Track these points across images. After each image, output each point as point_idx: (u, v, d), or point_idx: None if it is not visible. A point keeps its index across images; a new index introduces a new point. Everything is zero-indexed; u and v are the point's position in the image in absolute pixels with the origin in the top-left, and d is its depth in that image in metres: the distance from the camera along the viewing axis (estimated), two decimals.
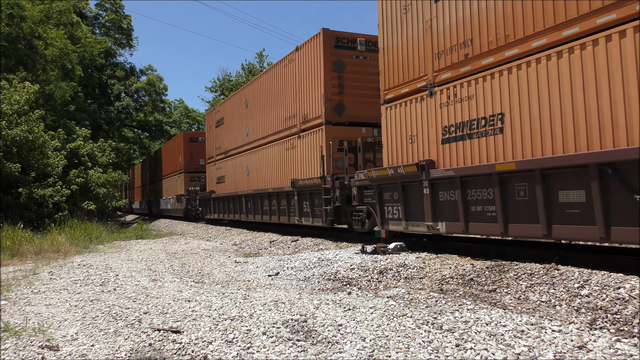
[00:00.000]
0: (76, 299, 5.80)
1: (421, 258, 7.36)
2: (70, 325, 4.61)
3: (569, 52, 5.79)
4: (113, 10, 33.66)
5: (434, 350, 3.58)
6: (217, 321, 4.50)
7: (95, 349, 3.92)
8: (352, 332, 4.03)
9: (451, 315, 4.45)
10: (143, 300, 5.62)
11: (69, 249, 11.42)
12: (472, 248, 7.86)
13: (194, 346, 3.85)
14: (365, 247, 8.55)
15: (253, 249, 12.15)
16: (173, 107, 55.75)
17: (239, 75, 42.92)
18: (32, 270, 8.19)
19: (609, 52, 5.36)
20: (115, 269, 8.24)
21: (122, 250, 11.63)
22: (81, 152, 18.63)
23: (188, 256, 10.41)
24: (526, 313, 4.61)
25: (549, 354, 3.43)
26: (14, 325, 4.59)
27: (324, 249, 10.32)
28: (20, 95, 14.96)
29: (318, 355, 3.55)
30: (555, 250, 6.83)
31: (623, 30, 5.22)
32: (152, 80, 36.03)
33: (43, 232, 13.58)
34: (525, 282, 5.50)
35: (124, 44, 35.22)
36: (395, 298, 5.42)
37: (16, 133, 14.14)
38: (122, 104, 34.07)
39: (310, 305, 5.01)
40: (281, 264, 8.48)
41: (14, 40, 18.12)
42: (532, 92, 6.24)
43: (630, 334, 3.92)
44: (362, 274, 7.00)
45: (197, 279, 7.39)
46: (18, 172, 14.14)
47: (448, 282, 6.08)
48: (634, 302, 4.38)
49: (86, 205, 17.18)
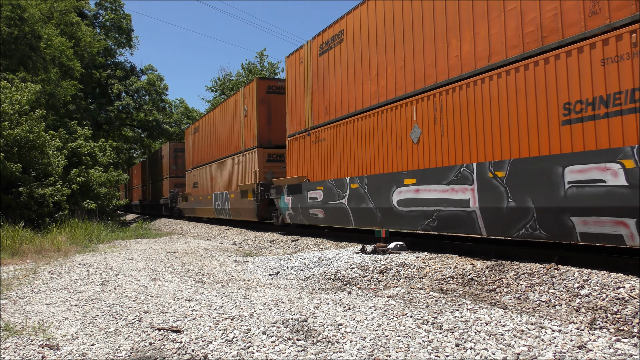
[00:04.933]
0: (76, 298, 5.80)
1: (421, 258, 7.36)
2: (71, 325, 4.62)
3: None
4: (112, 9, 33.63)
5: (434, 349, 3.58)
6: (217, 320, 4.50)
7: (95, 348, 3.92)
8: (352, 331, 4.03)
9: (451, 315, 4.45)
10: (143, 300, 5.62)
11: (69, 248, 11.42)
12: (472, 248, 7.86)
13: (194, 345, 3.85)
14: (365, 247, 8.56)
15: (253, 249, 12.16)
16: (174, 107, 55.75)
17: (239, 75, 42.92)
18: (32, 269, 8.20)
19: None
20: (115, 268, 8.24)
21: (123, 250, 11.63)
22: (82, 151, 18.64)
23: (188, 255, 10.41)
24: (526, 313, 4.61)
25: (549, 353, 3.43)
26: (14, 324, 4.59)
27: (324, 248, 10.33)
28: (21, 95, 14.97)
29: (318, 355, 3.55)
30: (555, 250, 6.83)
31: None
32: (152, 79, 36.04)
33: (43, 231, 13.59)
34: (525, 281, 5.50)
35: (124, 44, 35.20)
36: (395, 298, 5.42)
37: (17, 133, 14.15)
38: (122, 103, 34.08)
39: (310, 304, 5.01)
40: (281, 263, 8.48)
41: (14, 41, 18.13)
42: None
43: (630, 333, 3.92)
44: (362, 273, 7.00)
45: (197, 279, 7.40)
46: (19, 171, 14.15)
47: (448, 282, 6.09)
48: (633, 302, 4.38)
49: (87, 205, 17.20)
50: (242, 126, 16.57)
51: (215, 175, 19.80)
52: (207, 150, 21.38)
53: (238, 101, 17.15)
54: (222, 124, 18.98)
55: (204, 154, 21.81)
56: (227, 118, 18.28)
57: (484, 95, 6.93)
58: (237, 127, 17.15)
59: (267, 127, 15.24)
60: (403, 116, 8.57)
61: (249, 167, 15.76)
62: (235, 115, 17.30)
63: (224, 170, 18.63)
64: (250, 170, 15.62)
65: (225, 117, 18.55)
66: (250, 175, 15.61)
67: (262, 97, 15.33)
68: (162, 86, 37.47)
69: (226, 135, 18.50)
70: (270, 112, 15.26)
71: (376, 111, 9.30)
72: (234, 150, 17.45)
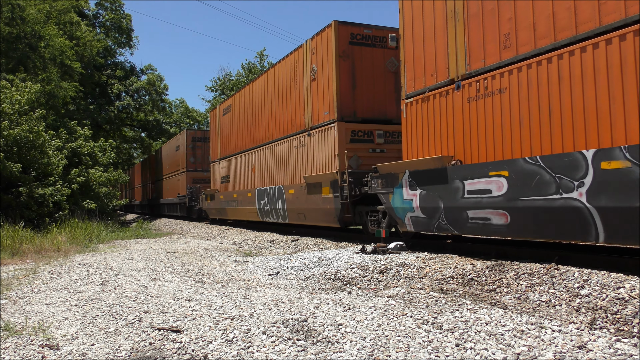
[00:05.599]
0: (76, 298, 5.80)
1: (421, 258, 7.36)
2: (71, 325, 4.62)
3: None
4: (113, 9, 33.61)
5: (434, 349, 3.58)
6: (217, 320, 4.50)
7: (95, 348, 3.92)
8: (352, 331, 4.03)
9: (451, 315, 4.45)
10: (143, 300, 5.62)
11: (69, 248, 11.42)
12: (472, 248, 7.86)
13: (194, 345, 3.85)
14: (365, 247, 8.56)
15: (253, 249, 12.15)
16: (174, 107, 55.76)
17: (239, 75, 42.92)
18: (32, 269, 8.20)
19: None
20: (115, 268, 8.24)
21: (123, 250, 11.63)
22: (82, 151, 18.65)
23: (188, 255, 10.41)
24: (526, 313, 4.61)
25: (549, 353, 3.43)
26: (14, 324, 4.59)
27: (324, 248, 10.33)
28: (21, 95, 14.97)
29: (318, 355, 3.55)
30: (556, 250, 6.83)
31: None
32: (152, 79, 36.00)
33: (43, 231, 13.58)
34: (525, 282, 5.50)
35: (124, 44, 35.17)
36: (395, 298, 5.42)
37: (17, 133, 14.15)
38: (122, 103, 34.07)
39: (310, 304, 5.01)
40: (281, 263, 8.48)
41: (14, 41, 18.13)
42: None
43: (630, 333, 3.92)
44: (362, 273, 7.00)
45: (197, 278, 7.40)
46: (19, 171, 14.15)
47: (448, 282, 6.09)
48: (633, 302, 4.38)
49: (87, 204, 17.20)
50: (307, 94, 12.32)
51: (258, 165, 15.59)
52: (244, 134, 17.04)
53: (299, 61, 12.75)
54: (271, 96, 14.65)
55: (240, 140, 17.53)
56: (280, 87, 13.97)
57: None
58: (297, 96, 12.84)
59: (351, 92, 11.00)
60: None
61: (320, 151, 11.67)
62: (295, 81, 12.96)
63: (274, 158, 14.41)
64: (322, 155, 11.58)
65: (277, 86, 14.23)
66: (321, 163, 11.64)
67: (343, 50, 10.98)
68: (162, 86, 37.43)
69: (278, 110, 14.16)
70: (355, 72, 11.04)
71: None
72: (293, 130, 13.15)
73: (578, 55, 5.78)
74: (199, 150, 25.14)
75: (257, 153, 15.69)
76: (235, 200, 17.44)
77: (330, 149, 11.17)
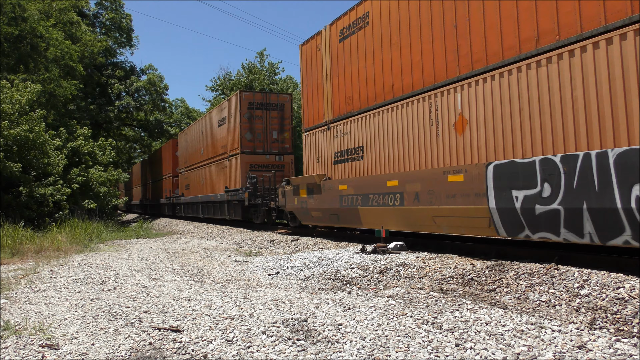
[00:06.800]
0: (76, 298, 5.81)
1: (421, 258, 7.36)
2: (71, 324, 4.62)
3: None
4: (113, 9, 33.59)
5: (433, 349, 3.58)
6: (217, 320, 4.50)
7: (95, 347, 3.92)
8: (352, 331, 4.04)
9: (451, 315, 4.45)
10: (143, 299, 5.62)
11: (69, 247, 11.43)
12: (473, 248, 7.86)
13: (194, 345, 3.85)
14: (365, 247, 8.56)
15: (253, 248, 12.16)
16: (174, 107, 55.70)
17: (239, 75, 42.84)
18: (32, 269, 8.20)
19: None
20: (115, 267, 8.24)
21: (123, 249, 11.63)
22: (82, 151, 18.65)
23: (188, 255, 10.41)
24: (526, 313, 4.61)
25: (549, 353, 3.43)
26: (15, 323, 4.59)
27: (324, 248, 10.33)
28: (21, 95, 14.97)
29: (318, 355, 3.56)
30: (556, 250, 6.83)
31: None
32: (152, 79, 35.98)
33: (43, 231, 13.59)
34: (525, 281, 5.50)
35: (124, 43, 35.15)
36: (395, 297, 5.42)
37: (17, 132, 14.15)
38: (122, 103, 34.04)
39: (310, 304, 5.01)
40: (281, 263, 8.48)
41: (15, 40, 18.12)
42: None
43: (630, 333, 3.92)
44: (362, 273, 7.00)
45: (197, 278, 7.40)
46: (19, 171, 14.15)
47: (448, 282, 6.09)
48: (633, 302, 4.38)
49: (87, 204, 17.20)
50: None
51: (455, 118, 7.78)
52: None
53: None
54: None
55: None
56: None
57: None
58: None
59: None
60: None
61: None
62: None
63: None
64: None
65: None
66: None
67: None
68: (162, 86, 37.40)
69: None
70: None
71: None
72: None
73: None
74: (259, 122, 17.15)
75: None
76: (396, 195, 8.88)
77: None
